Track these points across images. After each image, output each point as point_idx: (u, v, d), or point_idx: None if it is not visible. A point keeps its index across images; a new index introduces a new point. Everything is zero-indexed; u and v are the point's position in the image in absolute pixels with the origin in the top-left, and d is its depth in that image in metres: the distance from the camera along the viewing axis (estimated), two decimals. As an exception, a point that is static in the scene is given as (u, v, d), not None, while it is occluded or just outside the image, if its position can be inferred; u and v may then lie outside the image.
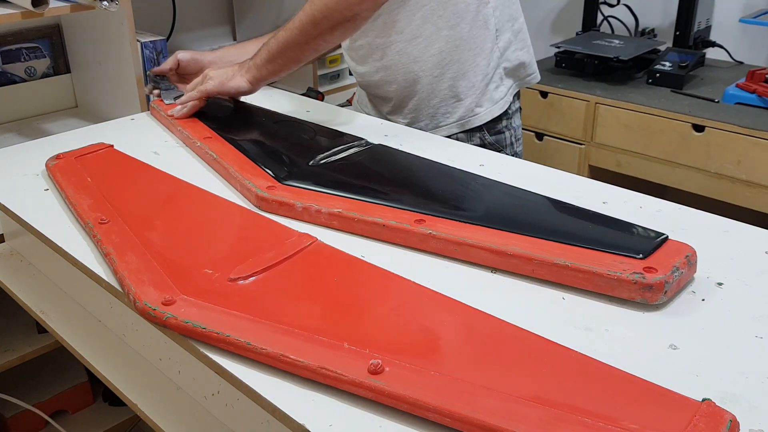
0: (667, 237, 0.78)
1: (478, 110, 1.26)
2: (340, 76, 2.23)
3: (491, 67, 1.25)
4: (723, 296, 0.73)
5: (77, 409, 1.74)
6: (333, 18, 1.09)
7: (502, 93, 1.28)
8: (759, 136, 1.79)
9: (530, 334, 0.66)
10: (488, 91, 1.26)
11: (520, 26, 1.29)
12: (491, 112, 1.26)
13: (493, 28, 1.23)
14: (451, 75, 1.23)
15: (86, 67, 1.77)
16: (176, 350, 0.77)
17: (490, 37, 1.23)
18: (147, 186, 1.00)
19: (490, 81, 1.26)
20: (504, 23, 1.25)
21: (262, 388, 0.62)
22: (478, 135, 1.27)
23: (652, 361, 0.64)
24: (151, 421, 0.81)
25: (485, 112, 1.26)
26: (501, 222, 0.83)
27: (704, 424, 0.54)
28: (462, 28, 1.21)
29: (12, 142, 1.52)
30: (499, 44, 1.25)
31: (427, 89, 1.25)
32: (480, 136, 1.27)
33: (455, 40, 1.21)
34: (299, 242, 0.82)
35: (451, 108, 1.25)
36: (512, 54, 1.28)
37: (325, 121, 1.22)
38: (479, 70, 1.24)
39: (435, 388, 0.58)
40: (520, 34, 1.29)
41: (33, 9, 1.36)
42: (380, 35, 1.23)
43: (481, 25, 1.22)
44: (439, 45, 1.21)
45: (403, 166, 1.04)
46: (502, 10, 1.24)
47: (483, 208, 0.90)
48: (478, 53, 1.23)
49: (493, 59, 1.25)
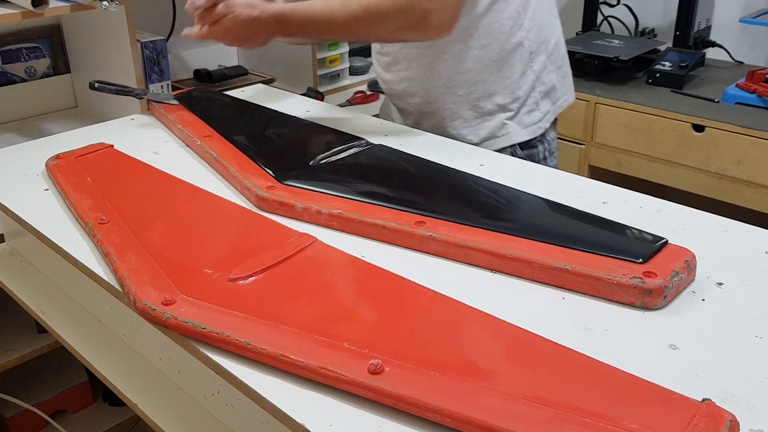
0: (666, 241, 0.78)
1: (504, 132, 1.19)
2: (340, 76, 2.23)
3: (524, 91, 1.19)
4: (723, 296, 0.73)
5: (77, 409, 1.74)
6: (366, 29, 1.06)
7: (536, 118, 1.21)
8: (759, 136, 1.79)
9: (530, 334, 0.66)
10: (519, 114, 1.19)
11: (553, 47, 1.22)
12: (519, 136, 1.20)
13: (527, 51, 1.17)
14: (477, 95, 1.18)
15: (86, 67, 1.77)
16: (176, 350, 0.77)
17: (522, 60, 1.17)
18: (147, 186, 1.00)
19: (523, 104, 1.20)
20: (539, 45, 1.19)
21: (262, 388, 0.62)
22: (509, 149, 1.21)
23: (652, 361, 0.64)
24: (151, 421, 0.81)
25: (514, 134, 1.20)
26: (501, 224, 0.83)
27: (704, 424, 0.54)
28: (493, 49, 1.15)
29: (12, 142, 1.52)
30: (533, 67, 1.19)
31: (450, 107, 1.20)
32: (511, 150, 1.21)
33: (484, 61, 1.15)
34: (299, 242, 0.82)
35: (475, 129, 1.20)
36: (546, 76, 1.22)
37: (325, 121, 1.22)
38: (508, 93, 1.18)
39: (435, 388, 0.58)
40: (553, 56, 1.23)
41: (33, 9, 1.36)
42: (408, 45, 1.19)
43: (514, 48, 1.16)
44: (467, 64, 1.16)
45: (403, 167, 1.04)
46: (537, 32, 1.18)
47: (483, 210, 0.90)
48: (507, 75, 1.17)
49: (526, 82, 1.19)
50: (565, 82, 1.27)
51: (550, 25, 1.22)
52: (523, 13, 1.15)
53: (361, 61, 2.33)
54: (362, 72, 2.31)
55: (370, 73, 2.33)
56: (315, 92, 2.03)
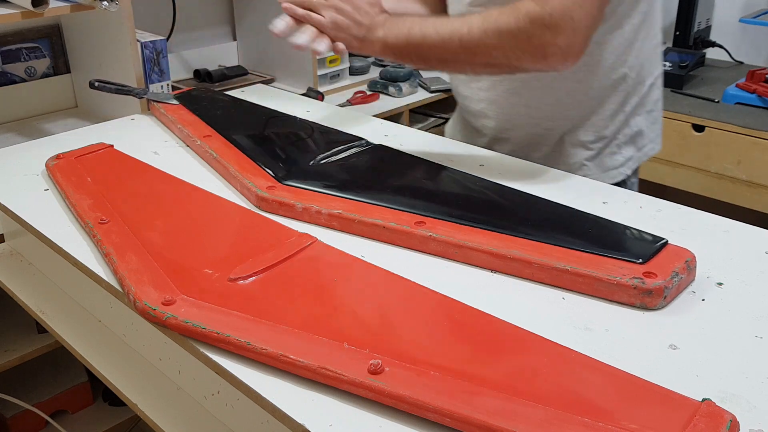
0: (666, 242, 0.78)
1: (582, 173, 1.08)
2: (340, 76, 2.23)
3: (611, 131, 1.08)
4: (723, 296, 0.73)
5: (77, 409, 1.74)
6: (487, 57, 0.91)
7: (617, 162, 1.11)
8: (759, 136, 1.79)
9: (530, 334, 0.66)
10: (601, 156, 1.10)
11: (648, 89, 1.10)
12: (601, 179, 1.08)
13: (624, 90, 1.07)
14: (562, 130, 1.08)
15: (86, 67, 1.77)
16: (176, 350, 0.77)
17: (617, 100, 1.07)
18: (147, 186, 1.00)
19: (607, 145, 1.09)
20: (636, 86, 1.08)
21: (262, 388, 0.62)
22: None
23: (652, 361, 0.64)
24: (151, 421, 0.81)
25: (591, 177, 1.08)
26: (501, 224, 0.83)
27: (704, 424, 0.54)
28: (590, 84, 1.04)
29: (12, 142, 1.52)
30: (625, 109, 1.08)
31: (529, 139, 1.10)
32: None
33: (577, 95, 1.05)
34: (299, 242, 0.82)
35: (554, 163, 1.09)
36: (634, 119, 1.10)
37: (325, 121, 1.22)
38: (593, 130, 1.08)
39: (435, 388, 0.58)
40: (646, 98, 1.11)
41: (33, 9, 1.36)
42: None
43: (612, 86, 1.05)
44: (557, 95, 1.05)
45: (403, 167, 1.04)
46: (638, 71, 1.07)
47: (483, 210, 0.90)
48: (597, 112, 1.07)
49: (615, 123, 1.08)
50: (653, 128, 1.14)
51: (651, 64, 1.09)
52: (629, 47, 1.04)
53: (361, 61, 2.33)
54: (362, 72, 2.31)
55: (370, 73, 2.33)
56: (315, 92, 2.03)
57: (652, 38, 1.07)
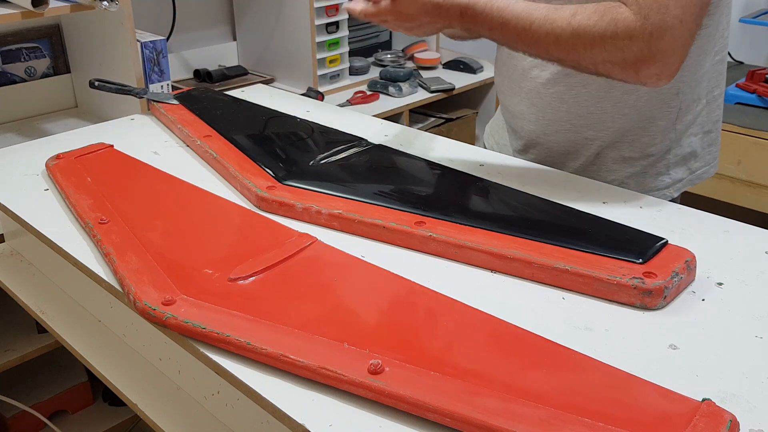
0: (666, 242, 0.78)
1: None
2: (340, 76, 2.23)
3: (658, 150, 1.02)
4: (723, 296, 0.73)
5: (77, 409, 1.74)
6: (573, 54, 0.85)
7: (663, 184, 1.04)
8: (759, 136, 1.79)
9: (530, 334, 0.66)
10: (645, 176, 1.04)
11: (704, 108, 1.03)
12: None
13: (677, 107, 1.00)
14: (602, 142, 1.02)
15: (86, 67, 1.77)
16: (176, 350, 0.77)
17: (668, 117, 1.00)
18: (147, 186, 1.01)
19: (652, 165, 1.03)
20: (690, 103, 1.01)
21: (262, 388, 0.62)
22: None
23: (652, 361, 0.64)
24: (151, 421, 0.81)
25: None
26: (501, 224, 0.83)
27: (704, 424, 0.54)
28: (638, 97, 0.98)
29: (12, 142, 1.52)
30: (677, 126, 1.01)
31: (567, 146, 1.05)
32: None
33: (624, 107, 0.99)
34: (299, 242, 0.82)
35: (591, 175, 1.04)
36: (687, 139, 1.03)
37: (325, 121, 1.22)
38: (638, 147, 1.02)
39: (435, 388, 0.58)
40: (702, 117, 1.03)
41: (33, 9, 1.36)
42: (544, 67, 1.02)
43: (663, 100, 0.99)
44: (603, 105, 1.00)
45: (403, 167, 1.04)
46: (693, 87, 1.00)
47: (483, 210, 0.90)
48: (645, 129, 1.01)
49: (663, 141, 1.02)
50: (710, 150, 1.07)
51: (709, 81, 1.02)
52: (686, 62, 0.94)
53: (361, 61, 2.33)
54: (362, 72, 2.31)
55: (370, 73, 2.33)
56: (315, 92, 2.03)
57: (713, 54, 1.01)
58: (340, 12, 2.12)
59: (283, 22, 2.09)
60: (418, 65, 2.41)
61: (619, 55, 0.82)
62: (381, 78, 2.21)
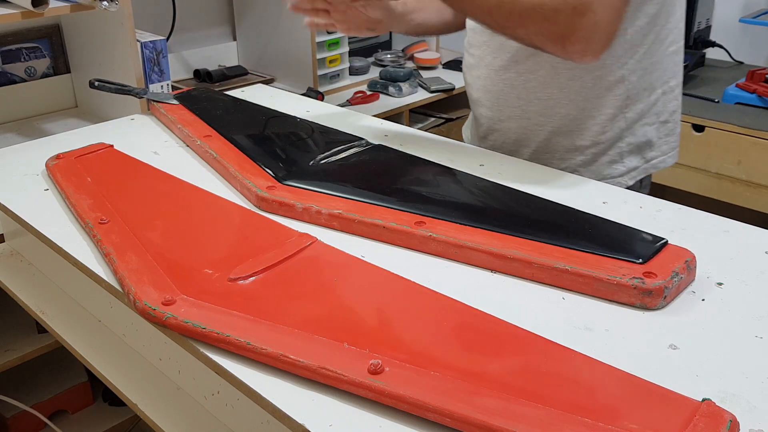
0: (666, 242, 0.78)
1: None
2: (340, 76, 2.23)
3: (608, 137, 1.05)
4: (723, 296, 0.73)
5: (77, 409, 1.74)
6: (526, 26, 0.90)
7: (618, 172, 1.07)
8: (759, 136, 1.79)
9: (530, 334, 0.66)
10: (596, 163, 1.07)
11: (659, 97, 1.06)
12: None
13: (625, 93, 1.03)
14: (552, 128, 1.06)
15: (86, 67, 1.77)
16: (176, 350, 0.77)
17: (616, 104, 1.04)
18: (147, 186, 1.01)
19: (604, 153, 1.06)
20: (641, 91, 1.04)
21: (262, 388, 0.62)
22: None
23: (652, 361, 0.64)
24: (151, 421, 0.81)
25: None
26: (501, 224, 0.83)
27: (704, 424, 0.54)
28: (583, 83, 1.02)
29: (12, 142, 1.52)
30: (627, 114, 1.04)
31: (519, 132, 1.09)
32: None
33: (570, 93, 1.03)
34: (299, 242, 0.82)
35: (542, 164, 1.08)
36: (641, 128, 1.06)
37: (325, 121, 1.22)
38: (589, 135, 1.05)
39: (435, 388, 0.58)
40: (657, 107, 1.07)
41: (33, 9, 1.36)
42: (497, 55, 1.06)
43: (608, 87, 1.03)
44: (550, 91, 1.04)
45: (403, 167, 1.04)
46: (642, 76, 1.03)
47: (483, 210, 0.90)
48: (593, 116, 1.04)
49: (612, 129, 1.05)
50: (667, 140, 1.10)
51: (663, 71, 1.06)
52: (629, 50, 1.01)
53: (361, 61, 2.33)
54: (362, 72, 2.31)
55: (370, 73, 2.33)
56: (315, 92, 2.03)
57: (665, 45, 1.04)
58: (340, 12, 2.11)
59: (283, 22, 2.09)
60: (418, 65, 2.41)
61: (548, 27, 0.88)
62: (381, 78, 2.21)
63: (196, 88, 1.65)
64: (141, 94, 1.33)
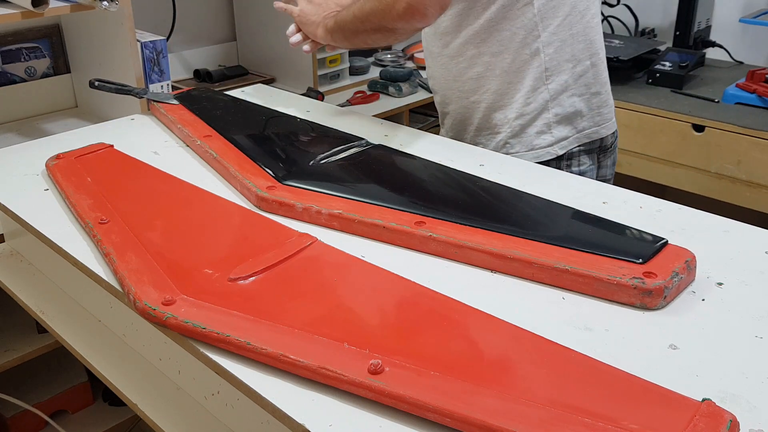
0: (666, 242, 0.78)
1: (512, 151, 1.14)
2: (340, 76, 2.23)
3: (533, 108, 1.12)
4: (723, 296, 0.73)
5: (77, 409, 1.74)
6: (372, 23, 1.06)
7: (546, 142, 1.13)
8: (759, 136, 1.79)
9: (530, 334, 0.66)
10: (525, 135, 1.13)
11: (584, 69, 1.13)
12: (524, 157, 1.13)
13: (542, 65, 1.10)
14: (487, 105, 1.14)
15: (86, 67, 1.77)
16: (176, 350, 0.77)
17: (535, 75, 1.11)
18: (147, 186, 1.00)
19: (530, 124, 1.13)
20: (562, 63, 1.11)
21: (262, 388, 0.62)
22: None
23: (652, 361, 0.64)
24: (151, 421, 0.81)
25: (520, 155, 1.13)
26: (501, 224, 0.83)
27: (704, 424, 0.54)
28: (504, 58, 1.10)
29: (12, 142, 1.52)
30: (549, 85, 1.11)
31: (462, 112, 1.18)
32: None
33: (495, 69, 1.12)
34: (299, 242, 0.82)
35: (486, 139, 1.17)
36: (568, 99, 1.13)
37: (325, 121, 1.22)
38: (515, 107, 1.12)
39: (435, 388, 0.58)
40: (584, 79, 1.14)
41: (33, 9, 1.36)
42: (432, 44, 1.18)
43: (526, 60, 1.10)
44: (478, 69, 1.13)
45: (403, 167, 1.04)
46: (560, 48, 1.11)
47: (483, 210, 0.90)
48: (518, 89, 1.12)
49: (536, 100, 1.12)
50: (600, 112, 1.17)
51: (583, 44, 1.13)
52: (540, 24, 1.09)
53: (361, 61, 2.33)
54: (362, 72, 2.31)
55: (369, 73, 2.33)
56: (315, 92, 2.03)
57: (587, 17, 1.12)
58: (340, 12, 2.11)
59: (283, 22, 2.09)
60: (418, 65, 2.41)
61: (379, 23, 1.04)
62: (381, 78, 2.21)
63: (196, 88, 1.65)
64: (141, 94, 1.33)
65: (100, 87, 1.34)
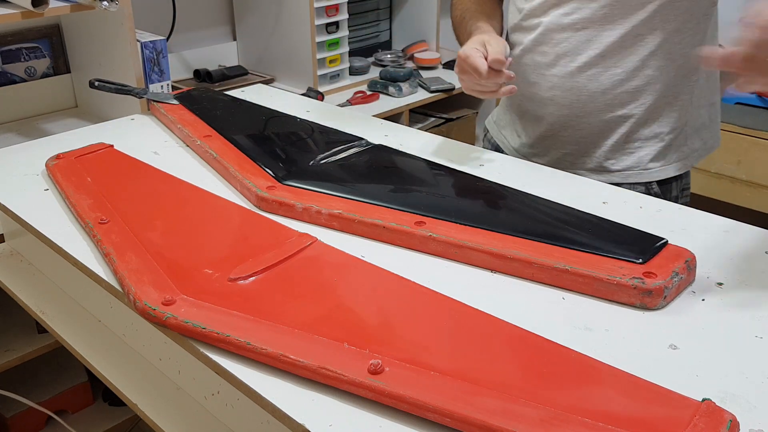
0: (666, 242, 0.78)
1: (652, 166, 1.07)
2: (340, 76, 2.23)
3: (680, 123, 1.07)
4: (723, 296, 0.73)
5: (77, 409, 1.74)
6: None
7: (684, 154, 1.09)
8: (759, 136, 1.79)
9: (530, 334, 0.66)
10: (669, 148, 1.08)
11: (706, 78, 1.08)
12: (665, 172, 1.08)
13: (696, 81, 1.05)
14: (635, 120, 1.06)
15: (86, 67, 1.77)
16: (176, 350, 0.77)
17: (690, 90, 1.06)
18: (147, 186, 1.01)
19: (675, 138, 1.08)
20: (701, 75, 1.07)
21: (262, 388, 0.62)
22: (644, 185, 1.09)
23: (652, 361, 0.64)
24: (151, 421, 0.81)
25: (658, 170, 1.08)
26: (501, 225, 0.83)
27: (704, 424, 0.54)
28: (668, 73, 1.04)
29: (12, 142, 1.52)
30: (693, 99, 1.07)
31: (599, 126, 1.08)
32: (646, 186, 1.09)
33: (655, 84, 1.04)
34: (299, 242, 0.82)
35: (618, 157, 1.08)
36: (698, 111, 1.09)
37: (325, 121, 1.22)
38: (666, 122, 1.06)
39: (435, 388, 0.58)
40: (705, 89, 1.09)
41: (33, 9, 1.36)
42: (581, 50, 1.05)
43: (686, 75, 1.05)
44: (635, 83, 1.04)
45: (403, 167, 1.04)
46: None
47: (483, 211, 0.90)
48: (671, 104, 1.06)
49: (684, 115, 1.07)
50: (715, 122, 1.14)
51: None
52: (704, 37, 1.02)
53: (361, 61, 2.33)
54: (362, 72, 2.31)
55: (370, 73, 2.33)
56: (315, 92, 2.03)
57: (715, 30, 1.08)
58: (340, 12, 2.12)
59: (283, 22, 2.09)
60: (418, 65, 2.41)
61: None
62: (381, 78, 2.21)
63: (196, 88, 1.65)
64: (141, 94, 1.33)
65: (100, 87, 1.34)
